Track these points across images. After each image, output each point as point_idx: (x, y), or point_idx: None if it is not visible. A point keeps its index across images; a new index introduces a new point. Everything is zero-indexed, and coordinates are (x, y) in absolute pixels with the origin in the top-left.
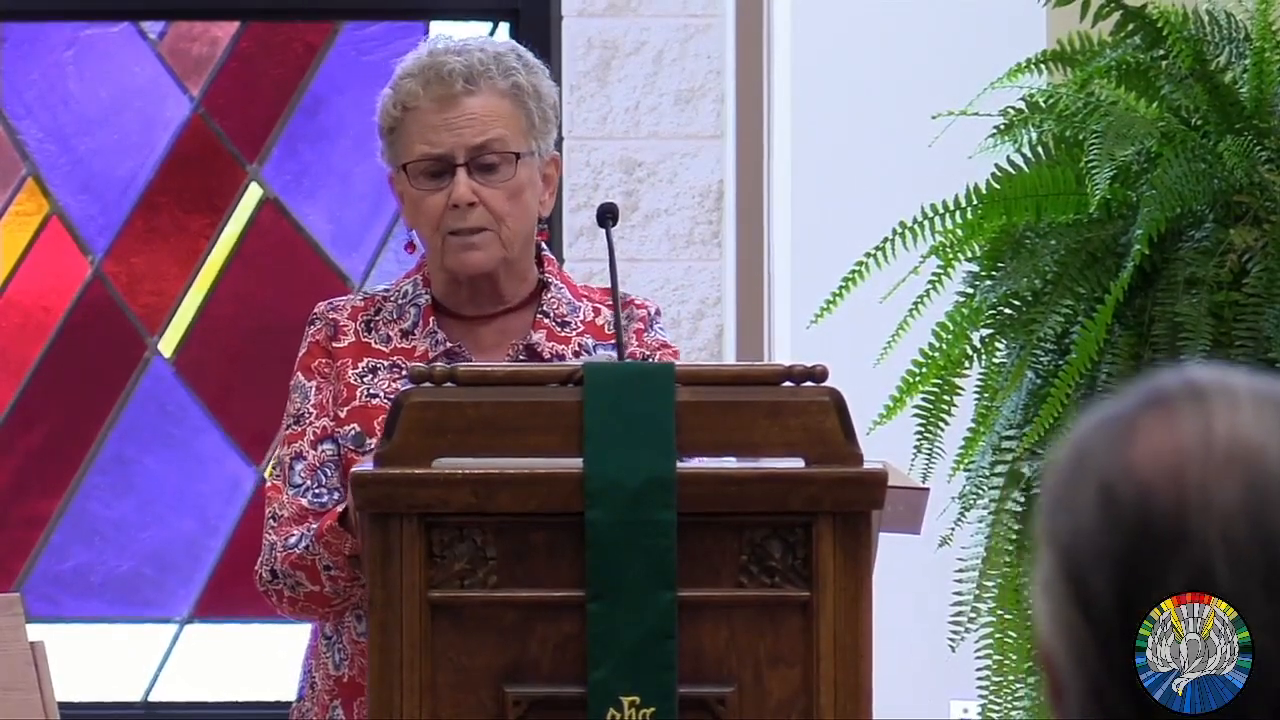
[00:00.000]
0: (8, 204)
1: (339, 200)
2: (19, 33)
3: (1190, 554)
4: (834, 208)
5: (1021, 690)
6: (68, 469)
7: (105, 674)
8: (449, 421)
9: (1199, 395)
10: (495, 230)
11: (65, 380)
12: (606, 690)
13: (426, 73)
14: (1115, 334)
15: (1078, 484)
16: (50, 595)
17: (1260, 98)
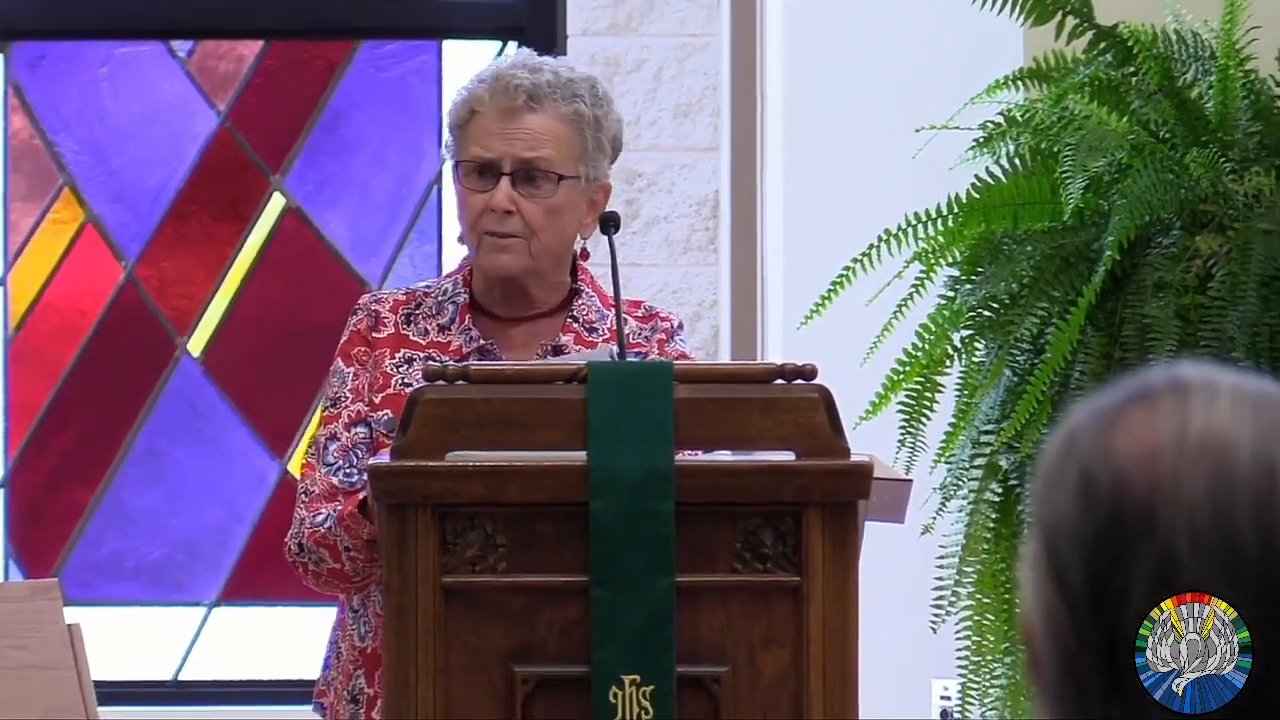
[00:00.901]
0: (45, 212)
1: (358, 209)
2: (56, 51)
3: (1157, 540)
4: (823, 216)
5: (999, 670)
6: (102, 462)
7: (138, 654)
8: (461, 417)
9: (1181, 390)
10: (526, 240)
11: (100, 378)
12: (609, 670)
13: (496, 83)
14: (1088, 335)
15: (1063, 469)
16: (87, 580)
17: (1224, 112)
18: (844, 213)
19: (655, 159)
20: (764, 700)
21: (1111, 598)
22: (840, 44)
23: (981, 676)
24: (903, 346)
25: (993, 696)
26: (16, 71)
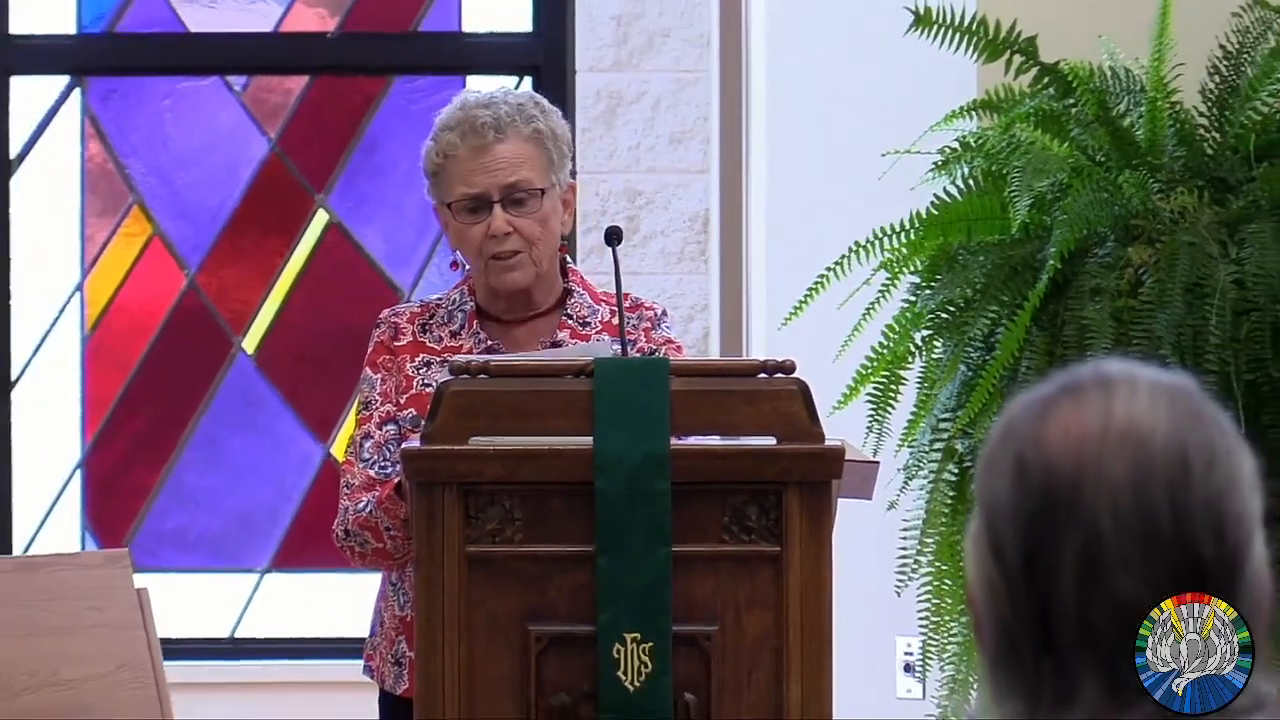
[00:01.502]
0: (117, 227)
1: (392, 224)
2: (126, 86)
3: (1084, 519)
4: (801, 230)
5: (955, 629)
6: (167, 446)
7: (198, 615)
8: (482, 407)
9: (1106, 384)
10: (528, 252)
11: (165, 373)
12: (613, 629)
13: (463, 125)
14: (1033, 334)
15: (1001, 454)
16: (153, 550)
17: (1153, 139)
18: (819, 227)
19: (653, 180)
20: (749, 655)
21: (1043, 570)
22: (816, 79)
23: (940, 635)
24: (870, 345)
25: (950, 652)
26: (92, 104)
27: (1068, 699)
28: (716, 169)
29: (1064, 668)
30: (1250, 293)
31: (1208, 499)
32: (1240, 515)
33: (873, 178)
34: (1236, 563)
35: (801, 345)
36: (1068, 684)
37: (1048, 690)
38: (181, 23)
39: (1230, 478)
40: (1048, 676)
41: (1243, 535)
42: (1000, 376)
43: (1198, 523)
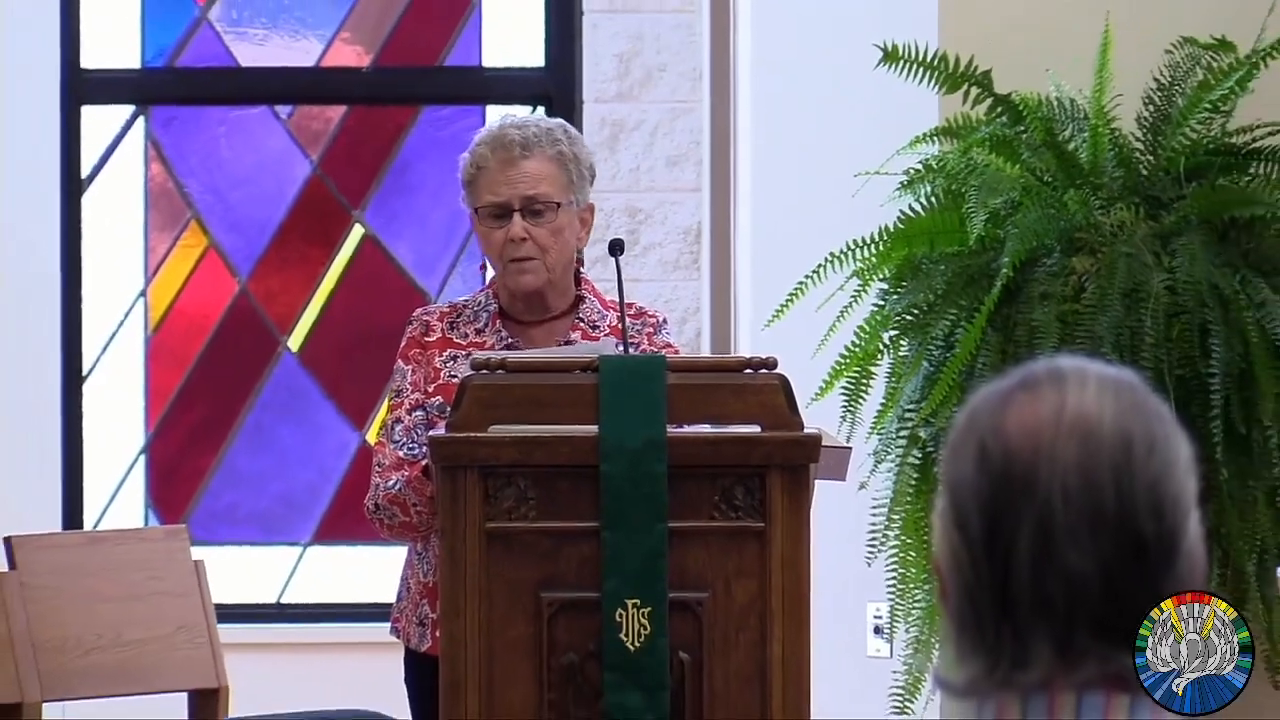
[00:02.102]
0: (176, 240)
1: (420, 237)
2: (185, 114)
3: (1038, 498)
4: (782, 242)
5: (919, 595)
6: (220, 434)
7: (248, 583)
8: (500, 399)
9: (1058, 378)
10: (541, 259)
11: (218, 369)
12: (616, 595)
13: (495, 142)
14: (988, 335)
15: (965, 440)
16: (208, 526)
17: (1095, 161)
18: (798, 239)
19: (651, 198)
20: (737, 619)
21: (1001, 544)
22: (795, 108)
23: (905, 601)
24: (844, 344)
25: (914, 616)
26: (154, 130)
27: (1024, 660)
28: (707, 188)
29: (1020, 632)
30: (1181, 298)
31: (1148, 481)
32: (1177, 496)
33: (846, 195)
34: (1174, 538)
35: (783, 344)
36: (1024, 647)
37: (1006, 652)
38: (234, 58)
39: (1168, 462)
40: (1006, 640)
41: (1180, 513)
42: (959, 372)
43: (1139, 502)
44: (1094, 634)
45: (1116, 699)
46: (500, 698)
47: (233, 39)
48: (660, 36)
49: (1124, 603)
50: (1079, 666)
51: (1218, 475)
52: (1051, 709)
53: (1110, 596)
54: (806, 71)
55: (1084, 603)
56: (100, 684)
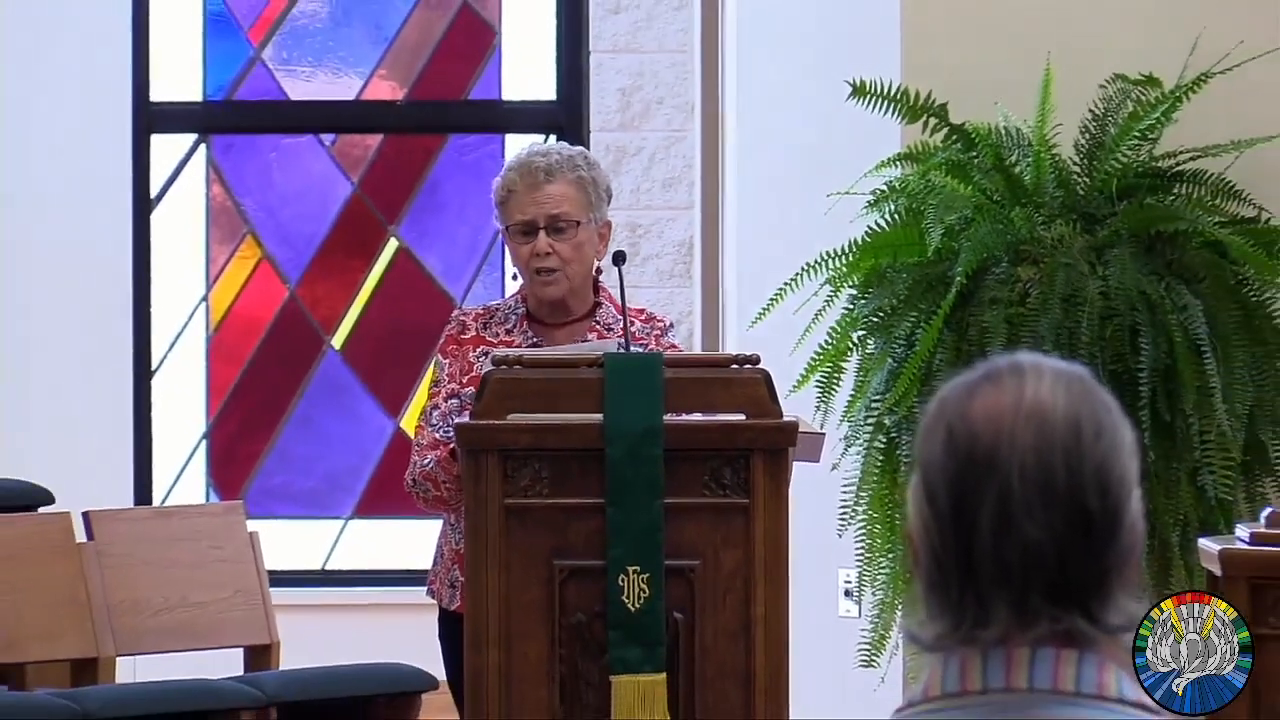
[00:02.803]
0: (234, 252)
1: (448, 249)
2: (242, 142)
3: (998, 476)
4: (764, 253)
5: (884, 563)
6: (272, 422)
7: (296, 552)
8: (518, 391)
9: (1018, 372)
10: (563, 270)
11: (271, 365)
12: (619, 562)
13: (523, 168)
14: (945, 335)
15: (935, 425)
16: (261, 502)
17: (1038, 183)
18: (778, 251)
19: (649, 215)
20: (724, 583)
21: (966, 517)
22: (775, 136)
23: (872, 567)
24: (818, 342)
25: (880, 581)
26: (215, 156)
27: (984, 620)
28: (698, 206)
29: (982, 595)
30: (1113, 302)
31: (1095, 463)
32: (1121, 475)
33: (819, 213)
34: (1117, 513)
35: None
36: (984, 608)
37: (969, 612)
38: (284, 92)
39: (1114, 446)
40: (969, 601)
41: (1123, 491)
42: (919, 367)
43: (1087, 481)
44: (1046, 597)
45: (1065, 654)
46: (517, 651)
47: (283, 75)
48: (657, 74)
49: (1073, 570)
50: (1033, 625)
51: (1146, 458)
52: (1008, 662)
53: (1061, 564)
54: (785, 104)
55: (1038, 569)
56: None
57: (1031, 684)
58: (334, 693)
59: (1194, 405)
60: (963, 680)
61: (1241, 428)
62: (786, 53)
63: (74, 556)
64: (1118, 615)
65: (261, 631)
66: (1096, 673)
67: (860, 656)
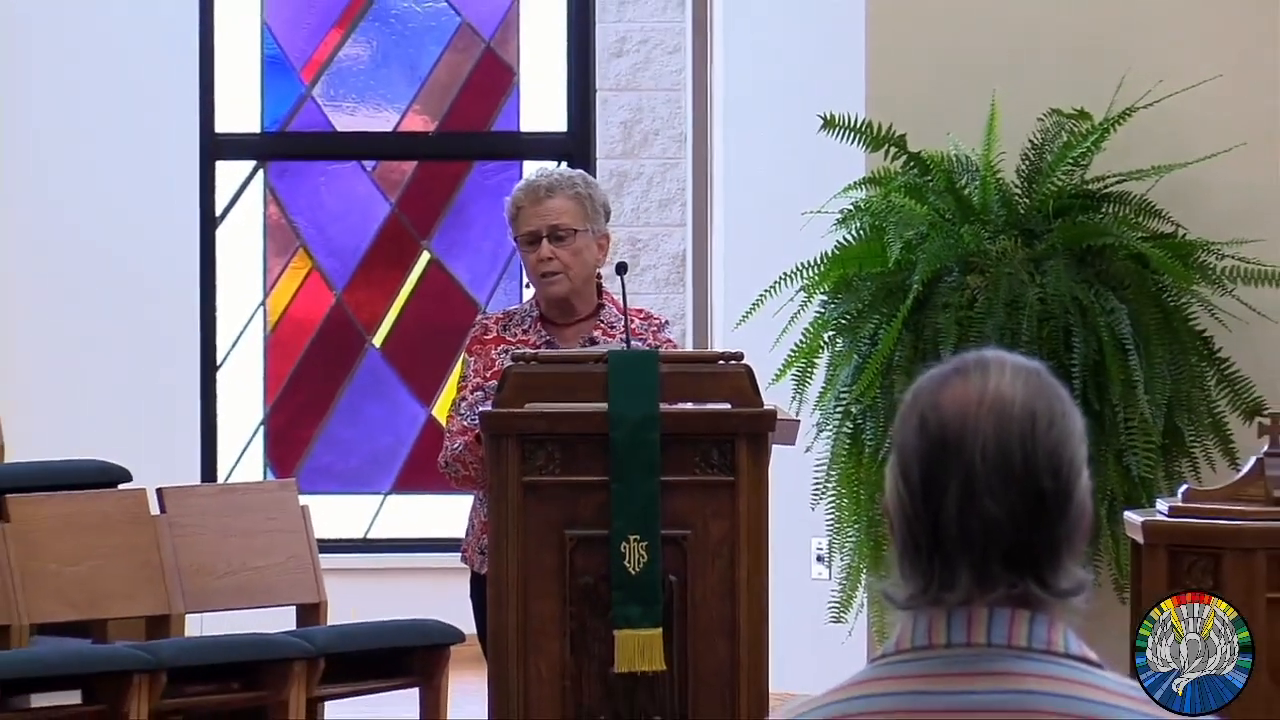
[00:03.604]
0: (288, 263)
1: (473, 261)
2: (295, 167)
3: (964, 458)
4: (747, 264)
5: (852, 533)
6: (321, 410)
7: (342, 523)
8: (534, 383)
9: (983, 366)
10: (565, 273)
11: (320, 361)
12: (621, 532)
13: (527, 188)
14: (903, 335)
15: (910, 412)
16: (312, 479)
17: (984, 203)
18: (759, 262)
19: (647, 231)
20: (712, 550)
21: (935, 493)
22: (757, 163)
23: (841, 536)
24: (794, 341)
25: (847, 548)
26: (271, 180)
27: (950, 583)
28: (690, 224)
29: (948, 562)
30: (1049, 307)
31: (1048, 448)
32: (1071, 459)
33: (795, 229)
34: (1068, 492)
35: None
36: (950, 573)
37: (936, 576)
38: (331, 124)
39: (1065, 432)
40: (937, 567)
41: (1073, 473)
42: (881, 363)
43: (1041, 464)
44: (1004, 565)
45: (1019, 614)
46: (534, 609)
47: (330, 110)
48: (654, 109)
49: (1027, 541)
50: (992, 589)
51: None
52: (970, 621)
53: (1017, 536)
54: (765, 135)
55: (996, 540)
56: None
57: (989, 640)
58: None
59: (1120, 396)
60: (930, 635)
61: (1161, 415)
62: (766, 91)
63: (149, 527)
64: (1067, 581)
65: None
66: (1046, 631)
67: (830, 614)
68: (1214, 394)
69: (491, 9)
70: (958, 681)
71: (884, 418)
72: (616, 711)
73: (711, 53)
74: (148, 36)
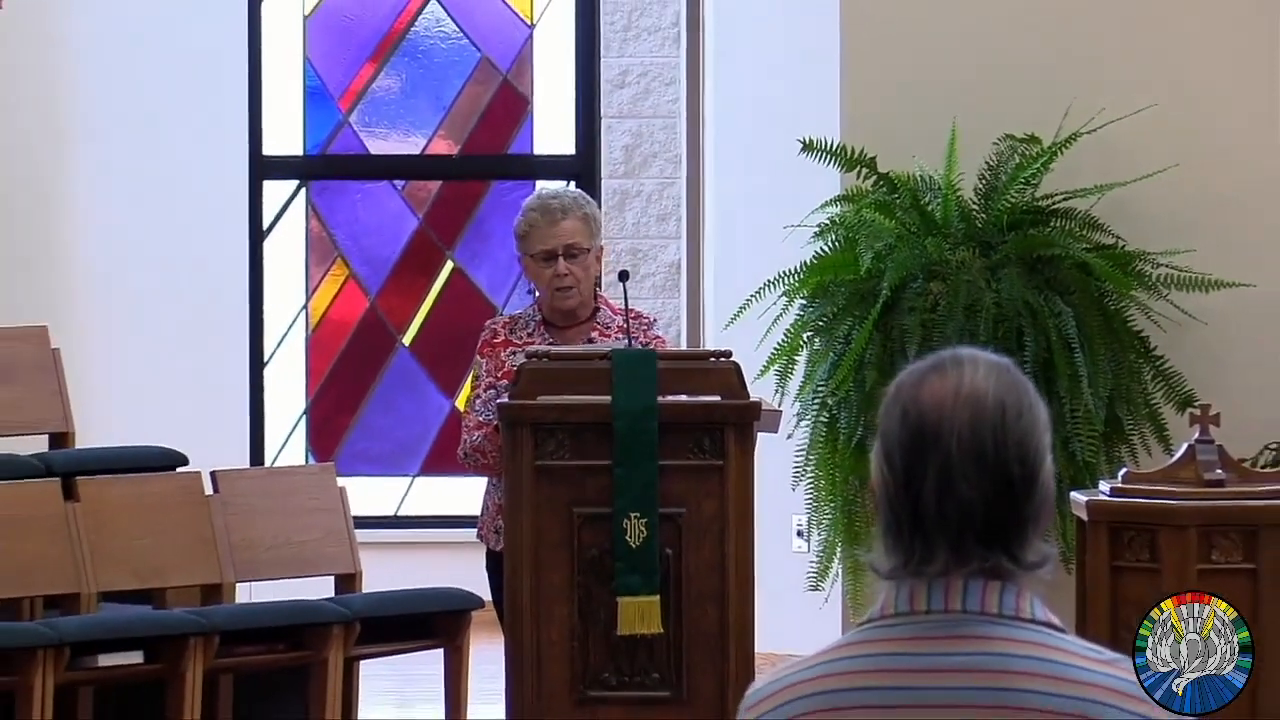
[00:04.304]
0: (327, 271)
1: (492, 270)
2: (333, 186)
3: (941, 446)
4: (735, 273)
5: (827, 510)
6: (356, 401)
7: (375, 501)
8: (546, 378)
9: (958, 363)
10: (577, 287)
11: (356, 358)
12: (624, 510)
13: (541, 209)
14: (874, 335)
15: (893, 405)
16: (349, 463)
17: (946, 218)
18: (745, 270)
19: (646, 243)
20: (704, 526)
21: (916, 477)
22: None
23: (818, 514)
24: (776, 341)
25: (824, 524)
26: (313, 197)
27: (929, 557)
28: (684, 236)
29: (928, 538)
30: (1003, 310)
31: (1017, 438)
32: (1037, 447)
33: (778, 241)
34: (1033, 477)
35: (735, 341)
36: (929, 548)
37: (917, 551)
38: (366, 148)
39: (1031, 423)
40: (917, 543)
41: (1038, 460)
42: (854, 361)
43: (1009, 452)
44: (978, 541)
45: (991, 584)
46: (545, 579)
47: (365, 135)
48: (653, 134)
49: (998, 521)
50: (967, 563)
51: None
52: (947, 590)
53: (989, 516)
54: (751, 157)
55: (970, 520)
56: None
57: (965, 607)
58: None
59: (1066, 389)
60: (911, 602)
61: (1103, 407)
62: (752, 118)
63: (203, 506)
64: (1033, 555)
65: (348, 563)
66: (1015, 599)
67: (809, 582)
68: (1150, 388)
69: (508, 45)
70: (937, 644)
71: (856, 408)
72: (619, 669)
73: (703, 85)
74: (202, 70)
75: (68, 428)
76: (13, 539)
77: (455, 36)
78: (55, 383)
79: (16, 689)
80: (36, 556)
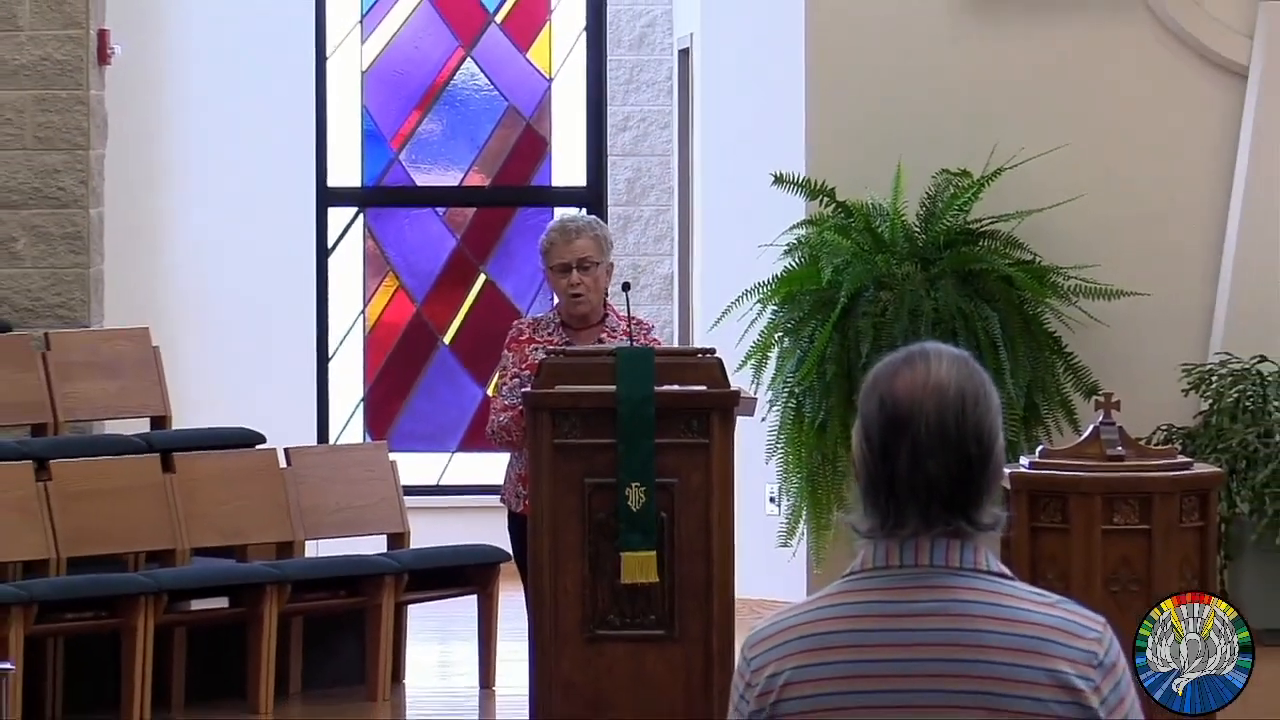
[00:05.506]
0: (380, 282)
1: (518, 281)
2: (386, 213)
3: (911, 429)
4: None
5: (795, 481)
6: (405, 389)
7: (420, 472)
8: (563, 371)
9: (925, 356)
10: (588, 295)
11: (405, 355)
12: (626, 481)
13: (560, 229)
14: (834, 336)
15: (870, 393)
16: (399, 441)
17: (893, 239)
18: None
19: (645, 259)
20: (693, 494)
21: (890, 455)
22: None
23: (788, 484)
24: (752, 340)
25: (792, 492)
26: (369, 221)
27: (901, 522)
28: (676, 253)
29: (900, 506)
30: (940, 315)
31: (975, 422)
32: (991, 428)
33: (753, 258)
34: (989, 455)
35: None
36: (902, 514)
37: (891, 516)
38: (413, 180)
39: (987, 409)
40: (891, 509)
41: (992, 440)
42: (817, 357)
43: (969, 435)
44: (943, 508)
45: (954, 543)
46: (561, 539)
47: (412, 170)
48: (651, 170)
49: (959, 491)
50: (934, 526)
51: None
52: (917, 548)
53: (951, 488)
54: (731, 188)
55: (937, 490)
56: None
57: (932, 561)
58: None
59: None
60: (887, 558)
61: (1023, 395)
62: (732, 156)
63: (278, 477)
64: (988, 518)
65: (398, 524)
66: (973, 554)
67: (779, 540)
68: (1062, 379)
69: (530, 96)
70: (909, 593)
71: (819, 396)
72: (622, 612)
73: (692, 129)
74: (279, 116)
75: (166, 412)
76: (120, 504)
77: (487, 88)
78: (155, 375)
79: (122, 629)
80: (139, 519)
